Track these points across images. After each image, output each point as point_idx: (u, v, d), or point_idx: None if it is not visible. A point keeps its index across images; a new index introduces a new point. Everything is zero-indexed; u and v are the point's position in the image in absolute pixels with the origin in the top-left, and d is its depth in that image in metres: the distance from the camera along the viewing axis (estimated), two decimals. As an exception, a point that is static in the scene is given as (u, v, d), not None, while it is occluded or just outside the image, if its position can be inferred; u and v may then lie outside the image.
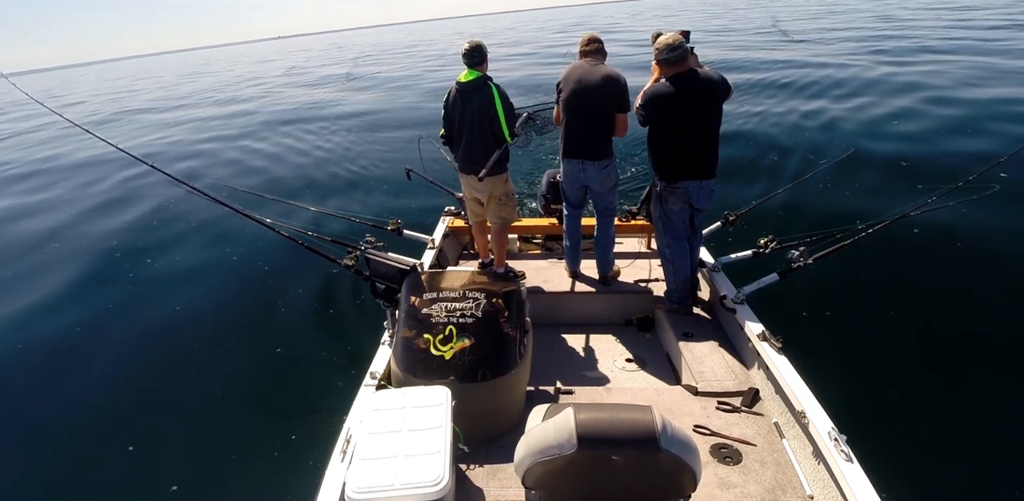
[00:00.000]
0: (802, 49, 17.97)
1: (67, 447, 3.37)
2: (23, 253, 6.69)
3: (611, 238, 3.55)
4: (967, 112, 8.86)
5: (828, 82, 12.32)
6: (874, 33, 20.72)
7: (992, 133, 7.78)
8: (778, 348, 2.62)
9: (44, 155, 13.44)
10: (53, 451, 3.35)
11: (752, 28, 28.49)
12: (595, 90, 3.09)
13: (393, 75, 24.26)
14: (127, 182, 9.69)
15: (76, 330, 4.73)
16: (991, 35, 17.24)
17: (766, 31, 25.60)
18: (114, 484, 3.08)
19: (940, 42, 16.67)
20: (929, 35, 18.62)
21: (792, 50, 17.81)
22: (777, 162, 7.88)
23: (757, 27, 28.65)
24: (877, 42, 17.95)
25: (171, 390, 3.85)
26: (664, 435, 1.37)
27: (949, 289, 4.45)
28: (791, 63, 15.13)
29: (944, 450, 2.95)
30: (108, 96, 31.09)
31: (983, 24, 20.60)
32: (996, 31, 18.22)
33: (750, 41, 22.35)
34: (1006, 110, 8.75)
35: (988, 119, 8.38)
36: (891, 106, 9.88)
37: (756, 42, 21.76)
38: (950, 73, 11.85)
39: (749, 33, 25.93)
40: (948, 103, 9.54)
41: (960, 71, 11.90)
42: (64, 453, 3.32)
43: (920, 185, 4.12)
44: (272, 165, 10.12)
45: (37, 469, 3.22)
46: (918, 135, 8.24)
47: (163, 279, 5.61)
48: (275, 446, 3.21)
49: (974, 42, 16.01)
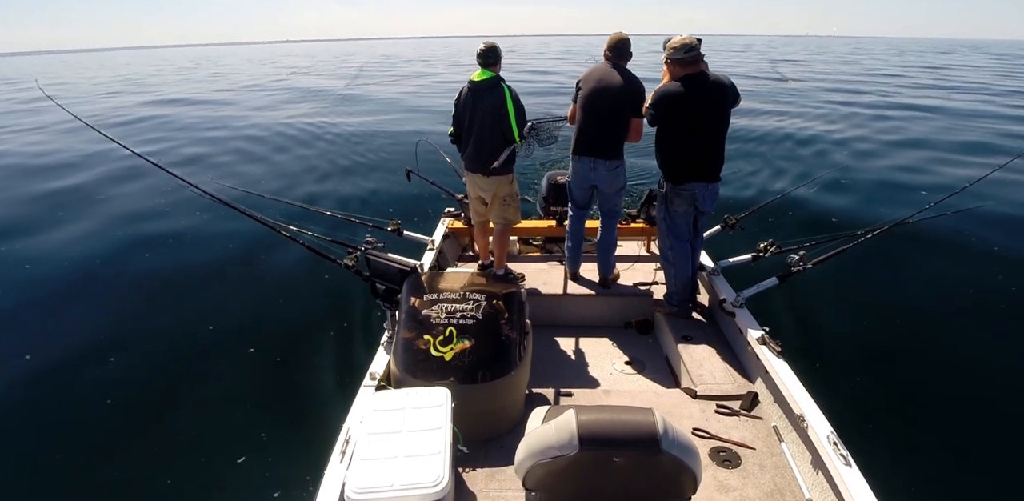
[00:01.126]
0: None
1: (67, 447, 3.35)
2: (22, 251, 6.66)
3: (613, 240, 3.56)
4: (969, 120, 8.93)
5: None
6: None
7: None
8: (777, 352, 2.62)
9: (41, 149, 13.42)
10: (52, 451, 3.33)
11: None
12: (614, 91, 3.12)
13: (396, 78, 24.31)
14: (122, 179, 9.67)
15: (75, 330, 4.71)
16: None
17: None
18: (114, 484, 3.06)
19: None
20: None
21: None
22: (778, 166, 7.93)
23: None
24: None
25: (170, 390, 3.83)
26: (665, 437, 1.37)
27: (948, 294, 4.47)
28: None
29: (943, 454, 2.96)
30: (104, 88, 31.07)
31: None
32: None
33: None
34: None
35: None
36: (895, 114, 9.95)
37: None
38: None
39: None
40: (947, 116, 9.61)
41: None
42: (64, 453, 3.30)
43: (923, 192, 4.17)
44: (272, 165, 10.12)
45: (35, 470, 3.20)
46: (919, 142, 8.30)
47: (160, 279, 5.59)
48: (274, 446, 3.20)
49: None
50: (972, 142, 8.29)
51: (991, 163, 3.51)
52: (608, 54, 3.21)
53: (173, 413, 3.58)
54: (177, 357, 4.24)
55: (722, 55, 43.68)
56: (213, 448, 3.24)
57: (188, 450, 3.25)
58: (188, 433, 3.39)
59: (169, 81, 33.78)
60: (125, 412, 3.62)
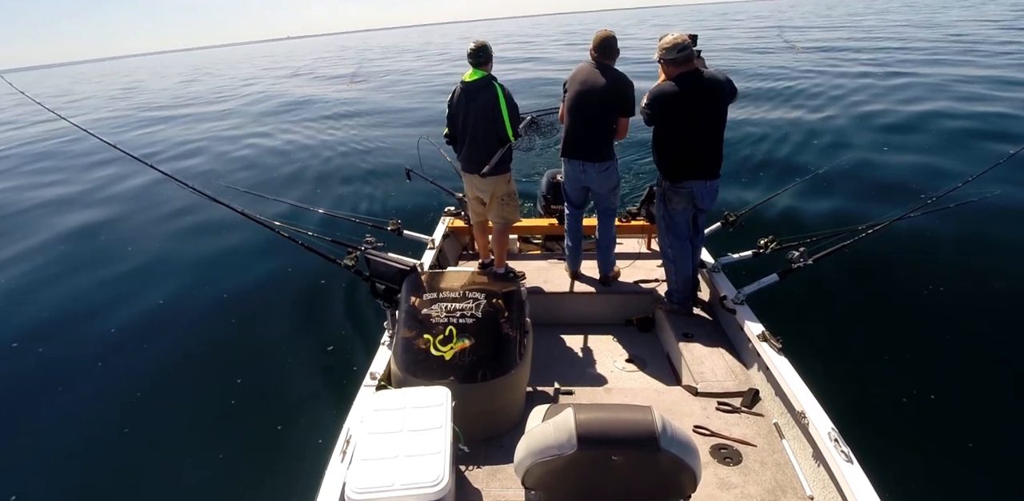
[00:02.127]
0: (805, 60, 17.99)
1: (65, 448, 3.37)
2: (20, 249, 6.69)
3: (612, 238, 3.55)
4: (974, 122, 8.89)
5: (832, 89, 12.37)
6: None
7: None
8: (778, 349, 2.62)
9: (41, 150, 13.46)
10: (52, 450, 3.34)
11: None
12: (599, 92, 3.08)
13: (397, 77, 24.30)
14: (120, 179, 9.69)
15: (73, 329, 4.73)
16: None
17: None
18: (114, 485, 3.07)
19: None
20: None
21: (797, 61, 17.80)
22: (778, 162, 7.89)
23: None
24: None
25: (170, 390, 3.84)
26: (664, 435, 1.37)
27: (950, 290, 4.45)
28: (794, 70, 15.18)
29: (944, 450, 2.95)
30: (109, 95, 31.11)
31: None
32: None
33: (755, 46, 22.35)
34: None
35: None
36: (897, 110, 9.91)
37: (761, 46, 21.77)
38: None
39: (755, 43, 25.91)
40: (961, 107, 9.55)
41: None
42: (61, 454, 3.32)
43: (922, 186, 4.13)
44: (272, 165, 10.13)
45: (32, 471, 3.22)
46: (920, 138, 8.27)
47: (160, 279, 5.60)
48: (275, 446, 3.21)
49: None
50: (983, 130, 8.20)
51: (999, 150, 3.47)
52: (593, 53, 3.15)
53: (172, 412, 3.59)
54: (176, 357, 4.25)
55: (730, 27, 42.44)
56: (213, 448, 3.25)
57: (188, 450, 3.26)
58: (188, 433, 3.40)
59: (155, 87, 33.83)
60: (122, 413, 3.63)
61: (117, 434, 3.43)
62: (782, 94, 12.42)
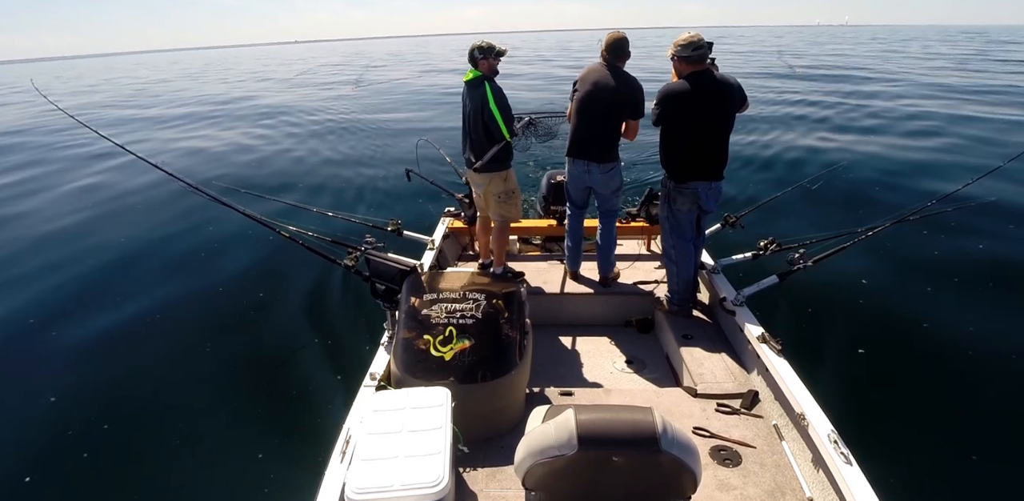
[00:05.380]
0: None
1: (66, 448, 3.36)
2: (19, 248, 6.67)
3: (613, 239, 3.55)
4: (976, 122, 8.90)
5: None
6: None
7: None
8: (778, 350, 2.62)
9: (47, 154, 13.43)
10: (51, 451, 3.33)
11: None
12: (608, 93, 3.09)
13: (399, 80, 24.33)
14: (119, 178, 9.68)
15: (57, 338, 4.69)
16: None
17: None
18: (113, 485, 3.07)
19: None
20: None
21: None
22: (779, 164, 7.91)
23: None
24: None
25: (169, 390, 3.83)
26: (665, 436, 1.37)
27: (950, 291, 4.46)
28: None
29: (944, 452, 2.95)
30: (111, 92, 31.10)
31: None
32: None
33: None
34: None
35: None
36: (897, 116, 9.93)
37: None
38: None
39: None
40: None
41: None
42: (62, 454, 3.31)
43: (922, 188, 4.14)
44: (272, 165, 10.12)
45: (29, 470, 3.21)
46: (922, 140, 8.28)
47: (159, 279, 5.59)
48: (275, 446, 3.20)
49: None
50: (980, 136, 8.23)
51: (998, 153, 3.49)
52: (605, 55, 3.16)
53: (171, 414, 3.58)
54: (175, 357, 4.24)
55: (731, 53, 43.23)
56: (213, 449, 3.25)
57: (188, 451, 3.25)
58: (188, 434, 3.39)
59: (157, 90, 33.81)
60: (122, 412, 3.63)
61: (118, 434, 3.42)
62: (785, 100, 12.47)
